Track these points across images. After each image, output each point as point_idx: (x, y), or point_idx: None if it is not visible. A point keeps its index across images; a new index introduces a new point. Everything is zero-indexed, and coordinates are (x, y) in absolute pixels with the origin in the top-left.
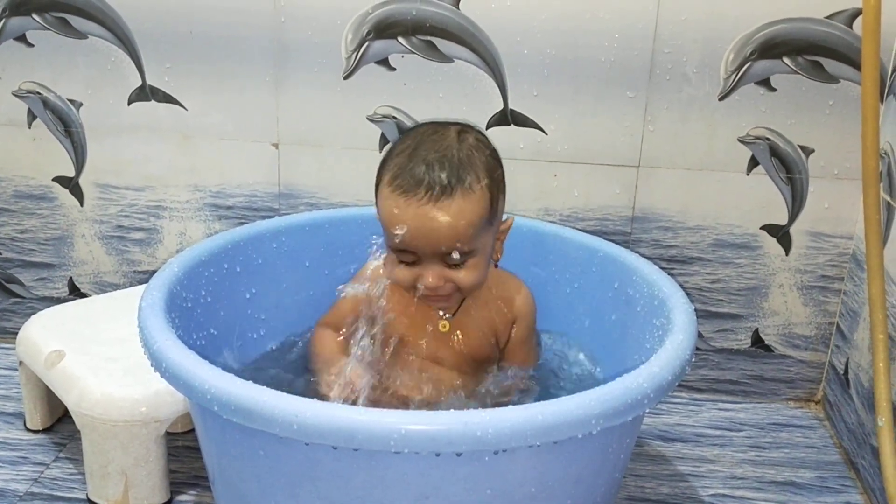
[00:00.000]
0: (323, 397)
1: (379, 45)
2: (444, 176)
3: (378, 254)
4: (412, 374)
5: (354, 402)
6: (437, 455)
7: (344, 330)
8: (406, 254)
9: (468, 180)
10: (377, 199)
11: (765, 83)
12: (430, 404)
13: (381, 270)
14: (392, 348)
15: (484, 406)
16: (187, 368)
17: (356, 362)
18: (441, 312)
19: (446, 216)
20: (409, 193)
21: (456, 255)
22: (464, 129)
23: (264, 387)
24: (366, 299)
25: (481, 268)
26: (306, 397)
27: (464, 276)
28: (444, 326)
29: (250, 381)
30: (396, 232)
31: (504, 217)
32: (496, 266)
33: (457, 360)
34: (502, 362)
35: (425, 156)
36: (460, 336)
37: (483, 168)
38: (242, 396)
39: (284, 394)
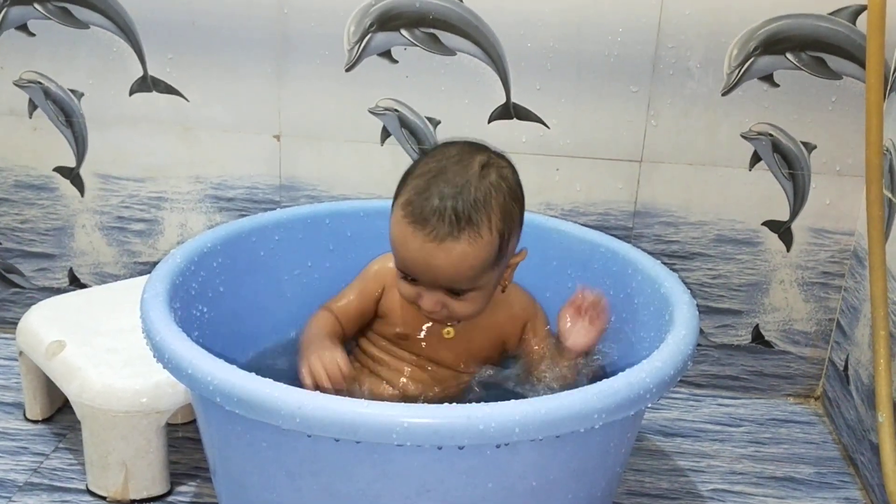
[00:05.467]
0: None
1: (381, 38)
2: (453, 217)
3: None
4: (408, 371)
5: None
6: (440, 448)
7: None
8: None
9: (478, 224)
10: (391, 213)
11: (768, 79)
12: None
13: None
14: (392, 344)
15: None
16: (190, 360)
17: (342, 353)
18: None
19: (448, 259)
20: (417, 226)
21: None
22: (489, 161)
23: (267, 378)
24: (372, 296)
25: (480, 301)
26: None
27: (462, 306)
28: (449, 333)
29: (253, 373)
30: (400, 259)
31: (518, 249)
32: (503, 291)
33: (456, 360)
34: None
35: (442, 188)
36: (464, 340)
37: (498, 210)
38: (245, 388)
39: (287, 385)
